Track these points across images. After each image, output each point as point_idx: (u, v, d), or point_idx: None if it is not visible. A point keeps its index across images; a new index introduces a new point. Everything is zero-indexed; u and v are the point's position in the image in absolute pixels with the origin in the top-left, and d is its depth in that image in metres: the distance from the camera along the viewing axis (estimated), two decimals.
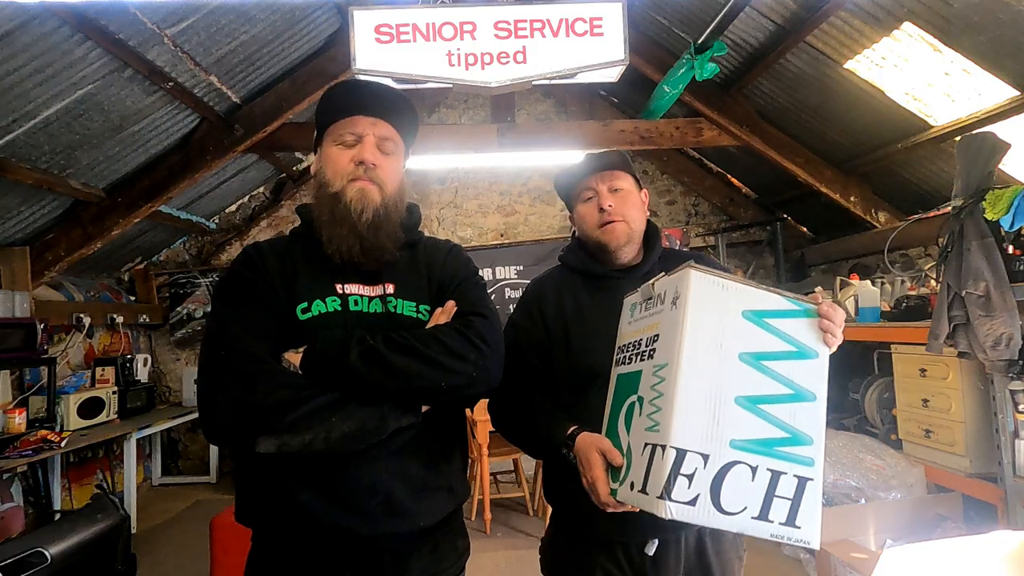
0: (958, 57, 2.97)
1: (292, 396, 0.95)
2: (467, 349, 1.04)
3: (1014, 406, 2.48)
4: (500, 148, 4.31)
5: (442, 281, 1.17)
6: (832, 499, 2.79)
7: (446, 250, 1.24)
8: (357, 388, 0.98)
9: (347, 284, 1.10)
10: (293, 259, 1.12)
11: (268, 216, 5.51)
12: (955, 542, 1.47)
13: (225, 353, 0.99)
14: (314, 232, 1.12)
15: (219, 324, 1.04)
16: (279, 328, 1.05)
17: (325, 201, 1.10)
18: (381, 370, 0.98)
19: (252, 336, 1.01)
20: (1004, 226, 2.43)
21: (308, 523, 1.00)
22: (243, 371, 0.97)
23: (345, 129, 1.12)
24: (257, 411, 0.94)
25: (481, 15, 2.86)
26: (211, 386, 0.99)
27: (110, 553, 2.61)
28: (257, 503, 1.05)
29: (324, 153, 1.15)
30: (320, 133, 1.18)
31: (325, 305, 1.07)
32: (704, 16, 3.59)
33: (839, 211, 4.60)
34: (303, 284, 1.08)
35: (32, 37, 2.60)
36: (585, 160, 1.40)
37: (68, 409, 3.82)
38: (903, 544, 1.58)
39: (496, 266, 5.39)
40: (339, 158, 1.11)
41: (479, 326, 1.08)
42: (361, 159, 1.10)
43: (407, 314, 1.11)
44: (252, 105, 3.98)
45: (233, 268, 1.11)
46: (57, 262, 3.87)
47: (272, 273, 1.09)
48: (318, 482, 0.99)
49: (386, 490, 1.01)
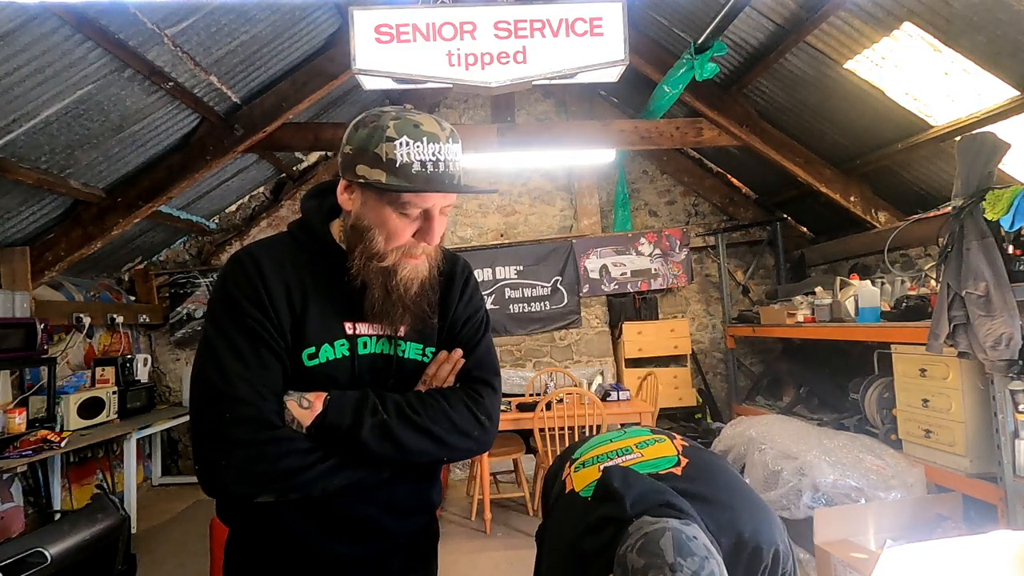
0: (958, 57, 2.97)
1: (298, 464, 0.95)
2: (473, 427, 1.06)
3: (1014, 406, 2.48)
4: (500, 148, 4.31)
5: (454, 321, 1.14)
6: (832, 499, 2.79)
7: (461, 282, 1.16)
8: (364, 457, 0.99)
9: (358, 324, 1.05)
10: (302, 284, 1.02)
11: (268, 216, 5.51)
12: (955, 542, 1.47)
13: (230, 417, 0.93)
14: (329, 257, 1.04)
15: (220, 376, 0.94)
16: (285, 374, 1.00)
17: (375, 272, 1.00)
18: (391, 447, 0.99)
19: (259, 396, 0.95)
20: (1004, 226, 2.43)
21: (299, 546, 1.02)
22: (250, 440, 0.93)
23: (415, 203, 0.97)
24: (262, 479, 0.94)
25: (481, 15, 2.86)
26: (214, 447, 0.93)
27: (110, 553, 2.61)
28: (237, 510, 1.06)
29: (374, 207, 0.98)
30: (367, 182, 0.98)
31: (333, 351, 1.02)
32: (704, 16, 3.59)
33: (839, 211, 4.60)
34: (312, 324, 1.01)
35: (32, 37, 2.60)
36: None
37: (68, 409, 3.82)
38: (903, 544, 1.58)
39: (496, 266, 5.39)
40: (399, 228, 0.98)
41: (487, 402, 1.09)
42: (430, 242, 1.02)
43: (413, 357, 1.10)
44: (252, 105, 3.99)
45: (232, 292, 0.98)
46: (57, 262, 3.87)
47: (278, 308, 0.98)
48: (311, 513, 1.00)
49: (376, 521, 1.05)
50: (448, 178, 0.97)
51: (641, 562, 0.94)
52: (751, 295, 5.63)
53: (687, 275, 5.46)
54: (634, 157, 5.72)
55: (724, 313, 5.38)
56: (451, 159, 0.98)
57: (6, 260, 3.67)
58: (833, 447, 3.07)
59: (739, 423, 3.80)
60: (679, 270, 5.46)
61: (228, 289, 0.99)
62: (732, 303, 5.46)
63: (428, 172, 0.95)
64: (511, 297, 5.39)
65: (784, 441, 3.26)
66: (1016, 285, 2.41)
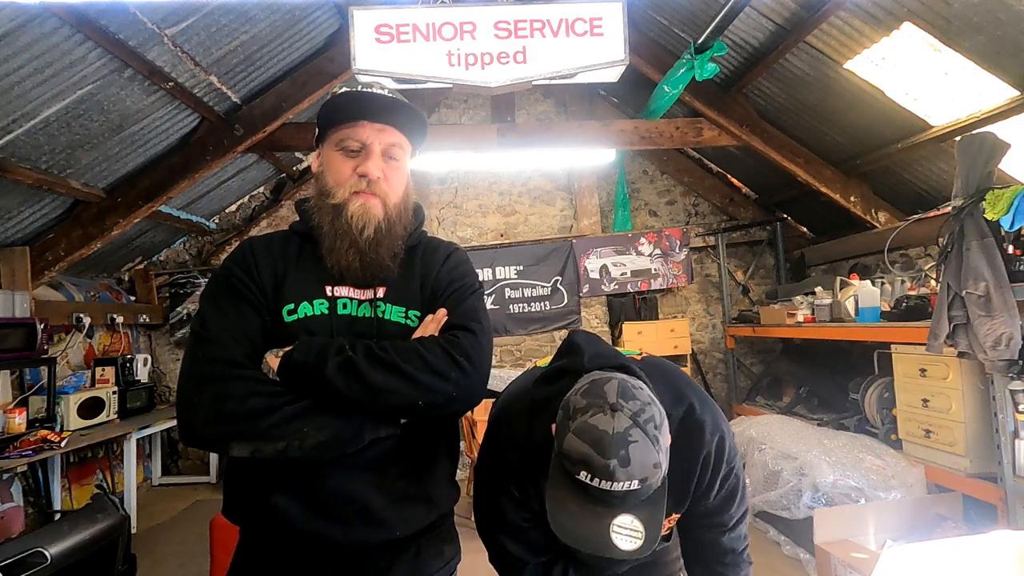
0: (958, 57, 2.97)
1: (264, 404, 0.94)
2: (449, 367, 1.00)
3: (1014, 406, 2.48)
4: (500, 148, 4.31)
5: (436, 286, 1.13)
6: (832, 499, 2.79)
7: (445, 254, 1.19)
8: (333, 400, 0.96)
9: (337, 287, 1.07)
10: (286, 257, 1.09)
11: (268, 216, 5.51)
12: (955, 542, 1.47)
13: (203, 356, 0.98)
14: (312, 232, 1.10)
15: (201, 325, 1.02)
16: (264, 329, 1.03)
17: (326, 211, 1.07)
18: (358, 384, 0.95)
19: (232, 338, 0.99)
20: (1004, 226, 2.43)
21: (285, 527, 0.99)
22: (218, 377, 0.95)
23: (349, 135, 1.07)
24: (229, 418, 0.93)
25: (481, 15, 2.86)
26: (187, 389, 0.97)
27: (110, 553, 2.61)
28: (240, 503, 1.05)
29: (326, 157, 1.11)
30: (322, 133, 1.13)
31: (312, 308, 1.05)
32: (704, 16, 3.59)
33: (839, 211, 4.60)
34: (292, 285, 1.06)
35: (32, 37, 2.60)
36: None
37: (68, 409, 3.82)
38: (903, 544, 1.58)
39: (496, 266, 5.39)
40: (342, 166, 1.08)
41: (464, 342, 1.04)
42: (365, 172, 1.06)
43: (395, 320, 1.08)
44: (252, 105, 3.99)
45: (224, 265, 1.09)
46: (57, 262, 3.87)
47: (262, 271, 1.06)
48: (295, 487, 0.98)
49: (362, 499, 1.00)
50: (377, 105, 1.07)
51: (583, 403, 0.96)
52: (751, 295, 5.63)
53: (687, 275, 5.46)
54: (634, 157, 5.72)
55: (724, 313, 5.39)
56: (381, 97, 1.08)
57: (6, 260, 3.67)
58: (833, 447, 3.07)
59: (739, 423, 3.81)
60: (679, 270, 5.46)
61: (224, 263, 1.10)
62: (732, 303, 5.46)
63: (358, 105, 1.07)
64: (511, 297, 5.39)
65: (784, 441, 3.26)
66: (1016, 285, 2.41)
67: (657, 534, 0.96)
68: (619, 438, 0.90)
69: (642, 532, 0.95)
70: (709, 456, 1.17)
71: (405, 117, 1.11)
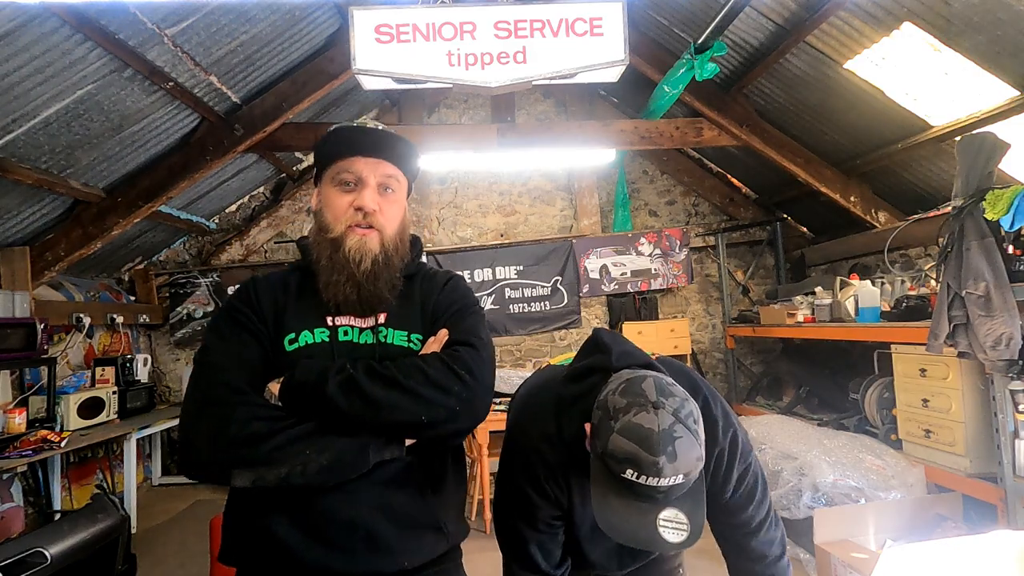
0: (958, 57, 2.97)
1: (267, 428, 0.93)
2: (450, 381, 0.99)
3: (1014, 406, 2.48)
4: (500, 148, 4.31)
5: (437, 309, 1.13)
6: (832, 499, 2.78)
7: (444, 279, 1.20)
8: (335, 419, 0.95)
9: (338, 317, 1.08)
10: (287, 291, 1.12)
11: (268, 216, 5.51)
12: (955, 542, 1.47)
13: (205, 384, 0.99)
14: (311, 267, 1.11)
15: (204, 354, 1.04)
16: (266, 359, 1.04)
17: (324, 246, 1.08)
18: (359, 401, 0.95)
19: (234, 366, 1.00)
20: (1004, 226, 2.43)
21: (284, 557, 0.96)
22: (220, 401, 0.95)
23: (344, 168, 1.09)
24: (231, 443, 0.92)
25: (481, 15, 2.86)
26: (189, 417, 0.98)
27: (110, 553, 2.61)
28: (239, 541, 1.02)
29: (323, 193, 1.12)
30: (320, 171, 1.15)
31: (312, 336, 1.06)
32: (704, 16, 3.59)
33: (839, 211, 4.60)
34: (293, 315, 1.08)
35: (32, 37, 2.60)
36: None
37: (68, 409, 3.82)
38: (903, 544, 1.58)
39: (496, 266, 5.39)
40: (338, 202, 1.09)
41: (466, 357, 1.03)
42: (361, 205, 1.07)
43: (397, 343, 1.08)
44: (252, 105, 3.98)
45: (227, 301, 1.12)
46: (57, 262, 3.87)
47: (263, 304, 1.09)
48: (296, 515, 0.96)
49: (367, 526, 0.97)
50: (371, 140, 1.10)
51: (624, 402, 0.98)
52: (751, 295, 5.63)
53: (687, 275, 5.46)
54: (634, 157, 5.72)
55: (724, 313, 5.38)
56: (374, 132, 1.11)
57: (6, 260, 3.67)
58: (833, 447, 3.07)
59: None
60: (679, 270, 5.46)
61: (227, 300, 1.14)
62: (732, 303, 5.46)
63: (351, 141, 1.10)
64: (511, 297, 5.39)
65: (784, 441, 3.26)
66: (1016, 285, 2.41)
67: (701, 524, 0.99)
68: (665, 435, 0.92)
69: (687, 524, 0.97)
70: (723, 452, 1.19)
71: (399, 150, 1.13)
